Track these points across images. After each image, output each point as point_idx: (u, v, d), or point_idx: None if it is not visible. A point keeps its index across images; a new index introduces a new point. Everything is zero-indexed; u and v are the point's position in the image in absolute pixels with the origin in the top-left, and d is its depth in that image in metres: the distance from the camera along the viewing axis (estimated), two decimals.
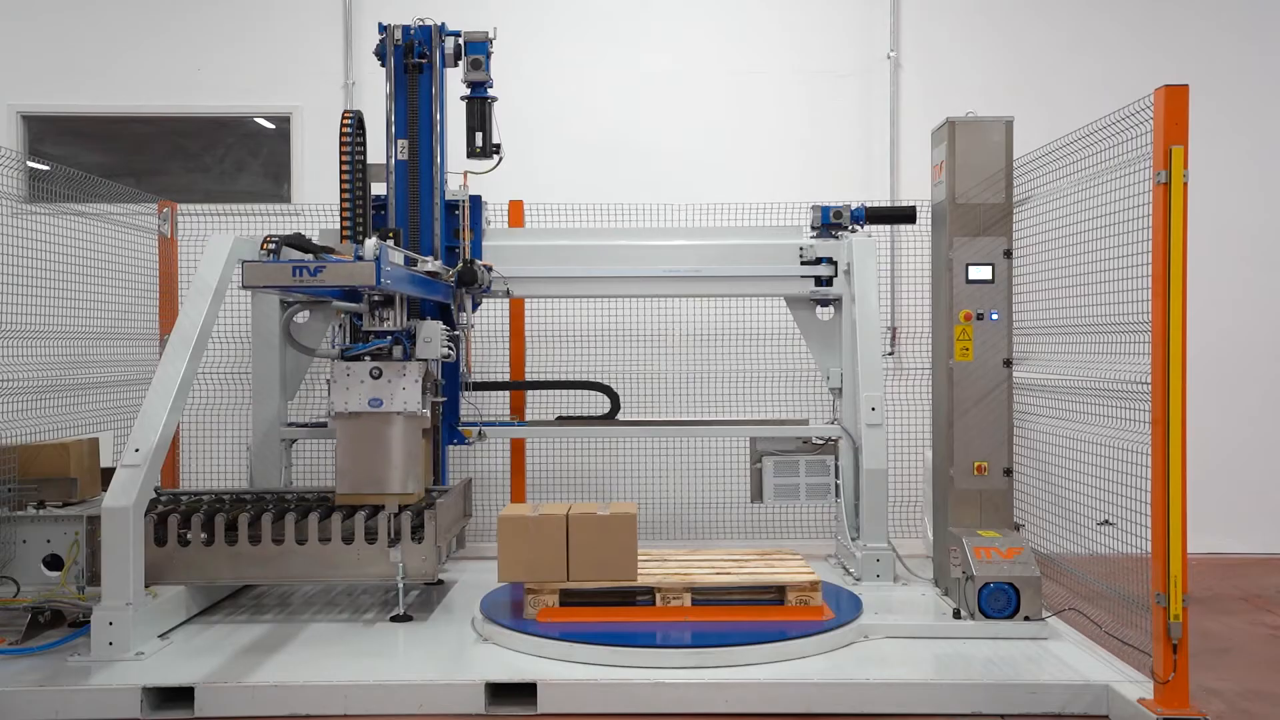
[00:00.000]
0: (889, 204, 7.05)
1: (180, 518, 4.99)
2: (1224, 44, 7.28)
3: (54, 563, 4.99)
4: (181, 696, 4.14)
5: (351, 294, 5.08)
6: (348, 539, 4.95)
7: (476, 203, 5.99)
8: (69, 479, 5.58)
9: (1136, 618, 4.14)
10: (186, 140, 7.44)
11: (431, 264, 5.47)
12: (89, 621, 4.46)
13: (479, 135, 5.84)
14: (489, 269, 5.95)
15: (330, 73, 7.34)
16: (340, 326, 5.20)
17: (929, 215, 5.73)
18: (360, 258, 4.49)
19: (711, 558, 5.37)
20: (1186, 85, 3.83)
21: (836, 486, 6.11)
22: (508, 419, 6.58)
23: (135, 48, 7.34)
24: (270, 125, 7.41)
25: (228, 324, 6.59)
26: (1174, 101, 3.82)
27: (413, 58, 5.74)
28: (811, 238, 6.19)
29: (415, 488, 5.21)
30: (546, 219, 6.82)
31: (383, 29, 5.75)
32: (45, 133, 7.41)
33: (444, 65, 5.83)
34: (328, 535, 4.94)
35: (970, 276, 5.25)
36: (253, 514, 5.03)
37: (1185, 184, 3.79)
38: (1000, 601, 4.79)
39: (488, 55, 5.81)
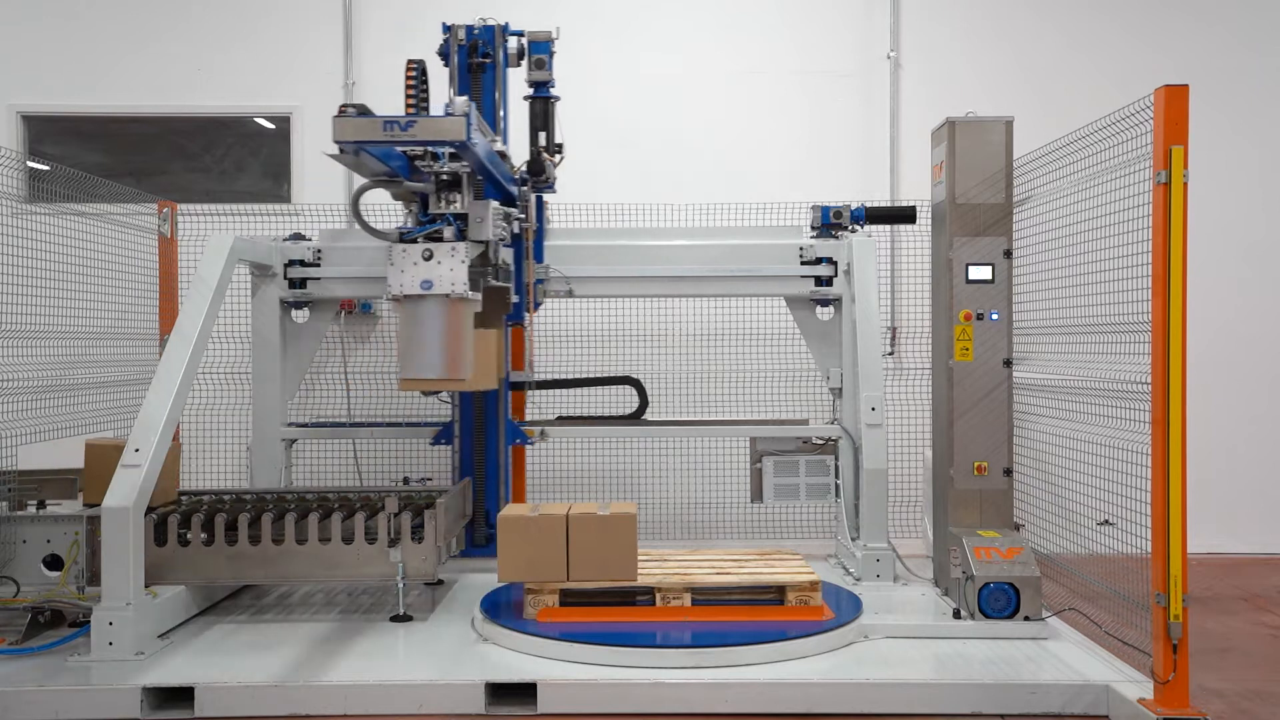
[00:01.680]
0: (889, 204, 7.05)
1: (180, 518, 4.99)
2: (1224, 45, 7.28)
3: (54, 563, 4.99)
4: (181, 696, 4.14)
5: (415, 174, 4.98)
6: (348, 539, 4.95)
7: (539, 201, 5.98)
8: (69, 479, 5.59)
9: (1136, 618, 4.14)
10: (186, 140, 7.44)
11: (499, 144, 5.43)
12: (89, 621, 4.46)
13: (542, 135, 5.83)
14: (554, 164, 5.89)
15: (330, 73, 7.34)
16: (409, 211, 5.18)
17: (929, 215, 5.73)
18: (450, 114, 4.42)
19: (711, 558, 5.37)
20: (1187, 85, 3.83)
21: (836, 486, 6.11)
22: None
23: (135, 48, 7.34)
24: (270, 125, 7.41)
25: (228, 324, 6.58)
26: (1174, 101, 3.82)
27: (476, 57, 5.73)
28: (811, 238, 6.19)
29: (466, 373, 4.97)
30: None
31: (446, 29, 5.75)
32: (45, 133, 7.41)
33: (506, 65, 5.82)
34: (328, 535, 4.94)
35: (970, 276, 5.25)
36: (253, 514, 5.03)
37: (1185, 184, 3.79)
38: (1000, 601, 4.79)
39: (550, 55, 5.82)
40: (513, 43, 5.83)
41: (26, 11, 7.34)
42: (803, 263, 6.11)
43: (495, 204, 5.10)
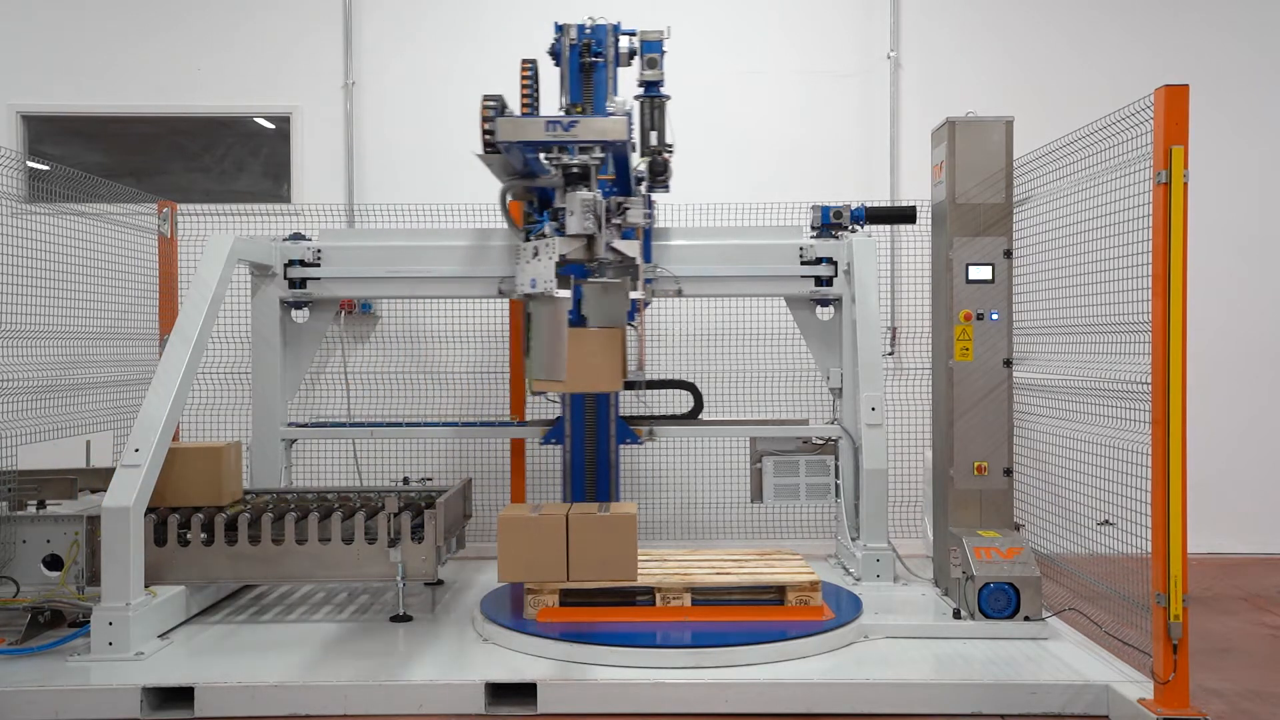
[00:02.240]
0: (889, 204, 7.05)
1: (180, 518, 4.99)
2: (1224, 45, 7.28)
3: (54, 563, 4.99)
4: (181, 696, 4.15)
5: (536, 172, 5.01)
6: (347, 539, 4.96)
7: (647, 200, 5.94)
8: (68, 479, 5.58)
9: (1136, 618, 4.14)
10: (186, 140, 7.44)
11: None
12: (89, 621, 4.46)
13: (653, 134, 5.79)
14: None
15: (330, 73, 7.34)
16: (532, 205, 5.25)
17: (929, 215, 5.73)
18: (611, 113, 4.59)
19: (711, 558, 5.37)
20: (1187, 85, 3.83)
21: (836, 486, 6.11)
22: (507, 419, 6.58)
23: (135, 47, 7.34)
24: (270, 125, 7.41)
25: (228, 324, 6.59)
26: (1174, 101, 3.82)
27: (588, 56, 5.71)
28: (811, 238, 6.18)
29: (553, 375, 4.77)
30: None
31: (559, 29, 5.69)
32: (45, 133, 7.41)
33: (617, 64, 5.78)
34: (327, 535, 4.94)
35: (970, 276, 5.25)
36: (253, 514, 5.03)
37: (1185, 184, 3.79)
38: (1000, 601, 4.79)
39: (662, 54, 5.77)
40: (624, 42, 5.77)
41: (26, 11, 7.34)
42: (803, 263, 6.10)
43: (586, 195, 4.82)
